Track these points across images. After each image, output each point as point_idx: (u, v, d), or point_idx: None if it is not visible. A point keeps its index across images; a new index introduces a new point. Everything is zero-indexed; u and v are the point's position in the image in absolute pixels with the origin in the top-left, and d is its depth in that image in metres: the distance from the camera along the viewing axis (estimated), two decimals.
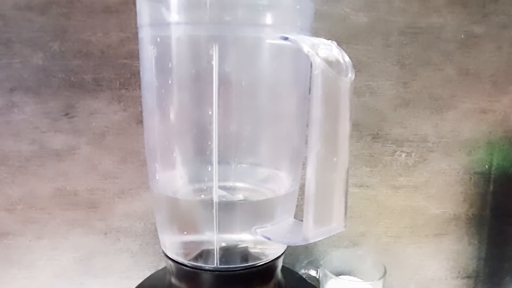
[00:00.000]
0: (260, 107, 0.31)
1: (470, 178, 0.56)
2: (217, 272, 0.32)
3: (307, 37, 0.27)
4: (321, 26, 0.49)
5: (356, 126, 0.52)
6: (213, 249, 0.32)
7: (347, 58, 0.27)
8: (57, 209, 0.50)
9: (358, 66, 0.50)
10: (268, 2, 0.29)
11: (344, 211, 0.29)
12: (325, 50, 0.26)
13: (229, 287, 0.33)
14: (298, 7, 0.31)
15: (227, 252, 0.32)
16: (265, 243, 0.32)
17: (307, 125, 0.27)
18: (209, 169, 0.30)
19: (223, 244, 0.32)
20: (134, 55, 0.47)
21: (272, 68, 0.30)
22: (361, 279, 0.50)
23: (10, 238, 0.50)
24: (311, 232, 0.28)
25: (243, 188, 0.33)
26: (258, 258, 0.33)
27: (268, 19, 0.29)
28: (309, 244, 0.30)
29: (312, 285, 0.41)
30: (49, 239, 0.51)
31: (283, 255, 0.35)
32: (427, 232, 0.57)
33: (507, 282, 0.60)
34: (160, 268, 0.42)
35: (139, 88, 0.36)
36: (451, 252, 0.58)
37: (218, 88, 0.29)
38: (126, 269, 0.53)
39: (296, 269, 0.52)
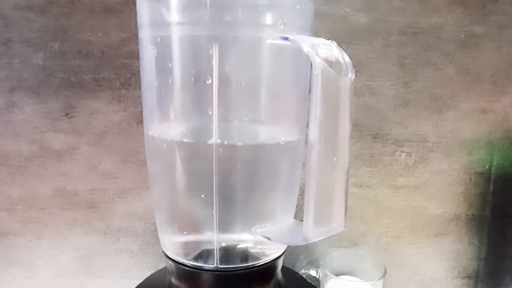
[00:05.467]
0: (260, 107, 0.31)
1: (470, 178, 0.56)
2: (217, 272, 0.32)
3: (307, 37, 0.27)
4: (321, 26, 0.49)
5: (356, 126, 0.52)
6: (213, 249, 0.32)
7: (347, 58, 0.27)
8: (57, 209, 0.50)
9: (358, 66, 0.50)
10: (268, 2, 0.29)
11: (344, 211, 0.29)
12: (325, 50, 0.26)
13: (229, 287, 0.33)
14: (298, 7, 0.31)
15: (227, 252, 0.33)
16: (265, 243, 0.32)
17: (307, 125, 0.27)
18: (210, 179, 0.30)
19: (223, 244, 0.32)
20: (134, 55, 0.47)
21: (272, 68, 0.30)
22: (361, 279, 0.50)
23: (10, 238, 0.50)
24: (311, 232, 0.28)
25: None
26: (258, 258, 0.33)
27: (268, 19, 0.29)
28: (309, 244, 0.30)
29: (312, 285, 0.41)
30: (49, 239, 0.51)
31: (283, 255, 0.35)
32: (427, 232, 0.57)
33: (507, 282, 0.60)
34: (160, 268, 0.42)
35: (139, 88, 0.36)
36: (451, 252, 0.58)
37: (218, 88, 0.29)
38: (126, 269, 0.53)
39: (296, 269, 0.52)
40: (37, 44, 0.46)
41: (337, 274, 0.48)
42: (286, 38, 0.27)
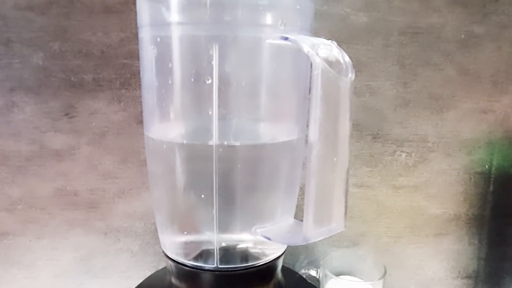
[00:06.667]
0: (260, 107, 0.31)
1: (470, 178, 0.56)
2: (217, 272, 0.32)
3: (307, 37, 0.27)
4: (321, 26, 0.49)
5: (356, 126, 0.52)
6: (213, 249, 0.32)
7: (347, 58, 0.27)
8: (57, 209, 0.50)
9: (358, 66, 0.50)
10: (268, 2, 0.29)
11: (344, 211, 0.29)
12: (325, 50, 0.26)
13: (229, 287, 0.33)
14: (298, 7, 0.31)
15: (227, 252, 0.33)
16: (265, 243, 0.32)
17: (307, 125, 0.27)
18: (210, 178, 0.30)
19: (223, 244, 0.32)
20: (134, 55, 0.47)
21: (272, 68, 0.30)
22: (361, 279, 0.50)
23: (10, 238, 0.50)
24: (311, 232, 0.28)
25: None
26: (258, 258, 0.33)
27: (268, 19, 0.29)
28: (309, 244, 0.30)
29: (312, 285, 0.41)
30: (49, 239, 0.51)
31: (283, 255, 0.35)
32: (427, 232, 0.57)
33: (507, 282, 0.60)
34: (160, 268, 0.42)
35: (139, 88, 0.36)
36: (451, 252, 0.58)
37: (218, 88, 0.29)
38: (126, 269, 0.53)
39: (296, 269, 0.52)
40: (37, 44, 0.46)
41: (337, 274, 0.48)
42: (286, 38, 0.27)
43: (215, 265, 0.32)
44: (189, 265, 0.32)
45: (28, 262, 0.51)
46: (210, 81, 0.29)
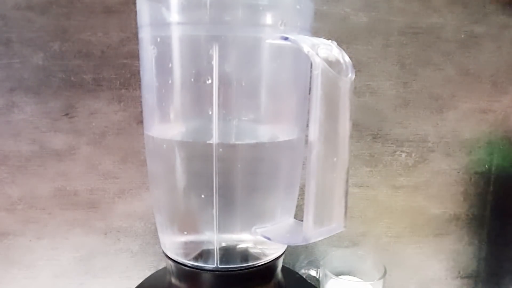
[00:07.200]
0: (260, 107, 0.31)
1: (470, 178, 0.56)
2: (217, 272, 0.32)
3: (307, 37, 0.27)
4: (321, 26, 0.49)
5: (356, 126, 0.52)
6: (213, 249, 0.32)
7: (347, 58, 0.27)
8: (57, 209, 0.50)
9: (358, 66, 0.50)
10: (268, 2, 0.29)
11: (344, 211, 0.29)
12: (325, 50, 0.26)
13: (229, 287, 0.33)
14: (298, 7, 0.31)
15: (227, 252, 0.33)
16: (265, 243, 0.32)
17: (307, 125, 0.27)
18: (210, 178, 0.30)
19: (223, 244, 0.32)
20: (134, 55, 0.47)
21: (272, 68, 0.30)
22: (361, 279, 0.50)
23: (10, 238, 0.50)
24: (311, 232, 0.28)
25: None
26: (258, 258, 0.33)
27: (268, 19, 0.29)
28: (309, 244, 0.30)
29: (312, 285, 0.41)
30: (49, 239, 0.51)
31: (283, 255, 0.35)
32: (427, 232, 0.57)
33: (507, 282, 0.60)
34: (160, 268, 0.42)
35: (139, 88, 0.36)
36: (451, 252, 0.58)
37: (218, 88, 0.29)
38: (126, 269, 0.53)
39: (296, 269, 0.52)
40: (37, 44, 0.46)
41: (337, 274, 0.48)
42: (286, 38, 0.27)
43: (215, 265, 0.32)
44: (189, 265, 0.32)
45: (28, 262, 0.51)
46: (210, 81, 0.29)
